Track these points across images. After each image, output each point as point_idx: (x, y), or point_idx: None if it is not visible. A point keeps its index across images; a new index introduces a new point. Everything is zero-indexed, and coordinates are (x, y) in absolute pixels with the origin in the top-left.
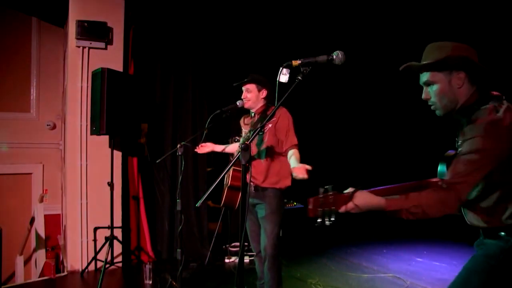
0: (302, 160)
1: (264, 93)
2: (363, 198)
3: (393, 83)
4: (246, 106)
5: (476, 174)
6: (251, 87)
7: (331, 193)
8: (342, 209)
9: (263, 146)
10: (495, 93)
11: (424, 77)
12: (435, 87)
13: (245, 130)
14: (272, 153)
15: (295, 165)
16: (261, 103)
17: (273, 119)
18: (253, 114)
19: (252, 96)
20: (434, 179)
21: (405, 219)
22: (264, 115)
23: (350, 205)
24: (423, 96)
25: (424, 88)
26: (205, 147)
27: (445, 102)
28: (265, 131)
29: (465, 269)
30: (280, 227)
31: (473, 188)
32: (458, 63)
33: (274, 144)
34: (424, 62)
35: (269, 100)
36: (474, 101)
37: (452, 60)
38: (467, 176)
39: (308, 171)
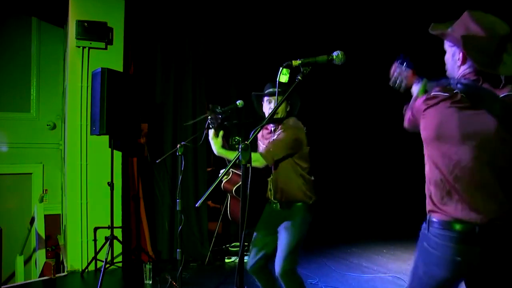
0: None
1: (289, 106)
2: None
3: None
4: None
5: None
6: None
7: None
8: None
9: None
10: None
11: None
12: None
13: (263, 145)
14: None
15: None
16: (284, 115)
17: (279, 131)
18: (273, 129)
19: (280, 107)
20: None
21: None
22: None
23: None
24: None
25: None
26: None
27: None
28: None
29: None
30: (301, 241)
31: None
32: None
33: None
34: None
35: (291, 113)
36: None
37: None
38: None
39: None
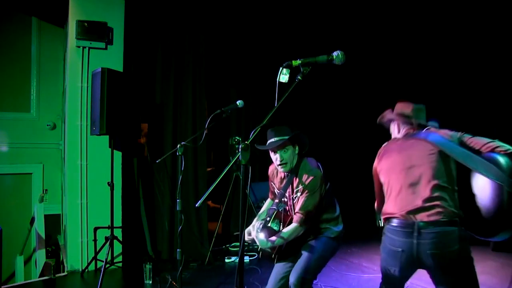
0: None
1: (297, 148)
2: None
3: (393, 83)
4: (284, 170)
5: None
6: (287, 146)
7: None
8: None
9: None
10: None
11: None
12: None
13: (277, 189)
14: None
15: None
16: (295, 159)
17: (300, 186)
18: (287, 175)
19: (289, 157)
20: None
21: None
22: (296, 171)
23: None
24: None
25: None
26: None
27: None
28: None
29: None
30: (320, 265)
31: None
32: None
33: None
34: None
35: (301, 152)
36: None
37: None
38: None
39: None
